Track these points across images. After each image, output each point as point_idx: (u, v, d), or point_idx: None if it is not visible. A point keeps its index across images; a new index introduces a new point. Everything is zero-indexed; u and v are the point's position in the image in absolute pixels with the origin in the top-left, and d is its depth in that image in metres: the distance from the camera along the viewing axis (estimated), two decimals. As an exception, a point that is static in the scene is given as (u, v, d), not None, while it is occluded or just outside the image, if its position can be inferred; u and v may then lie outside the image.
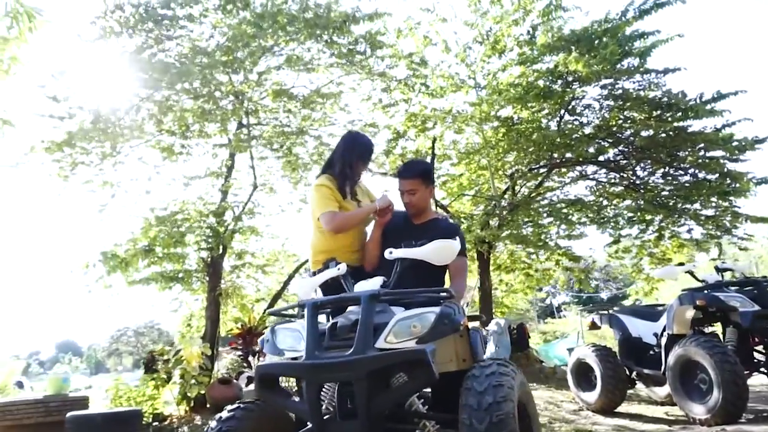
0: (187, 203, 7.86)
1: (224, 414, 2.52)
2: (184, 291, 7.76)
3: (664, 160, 8.59)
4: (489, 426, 2.12)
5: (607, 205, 9.56)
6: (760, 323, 4.64)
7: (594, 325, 6.17)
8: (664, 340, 5.07)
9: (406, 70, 8.35)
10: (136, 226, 7.29)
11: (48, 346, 70.23)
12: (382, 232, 3.20)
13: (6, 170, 7.08)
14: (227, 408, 2.58)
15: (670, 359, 4.70)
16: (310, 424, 2.35)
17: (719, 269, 5.33)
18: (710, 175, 8.45)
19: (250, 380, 6.29)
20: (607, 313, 6.00)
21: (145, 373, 6.77)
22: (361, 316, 2.30)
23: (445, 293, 2.59)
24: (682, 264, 5.66)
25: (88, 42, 6.83)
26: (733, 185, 8.27)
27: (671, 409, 5.43)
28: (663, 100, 7.98)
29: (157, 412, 6.26)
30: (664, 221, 9.00)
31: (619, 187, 9.37)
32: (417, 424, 2.51)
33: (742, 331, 4.89)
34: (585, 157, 8.67)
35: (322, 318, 2.92)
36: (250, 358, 6.98)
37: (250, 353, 7.05)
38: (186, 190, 7.97)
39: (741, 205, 8.56)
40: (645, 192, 8.82)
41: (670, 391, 4.83)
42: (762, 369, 5.08)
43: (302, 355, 2.33)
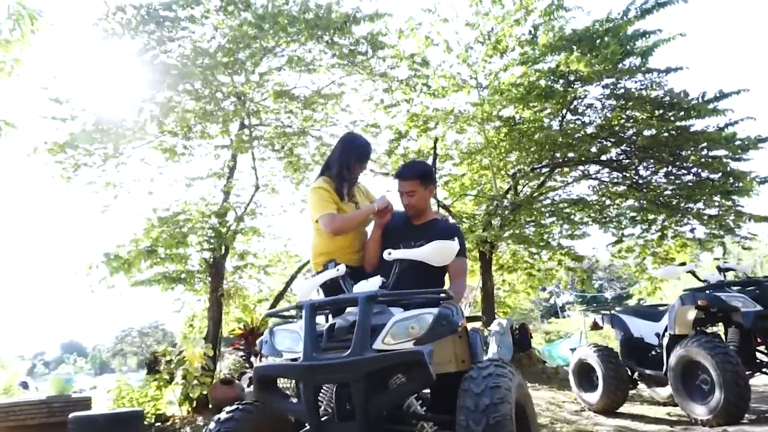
0: (190, 204, 7.87)
1: (223, 415, 2.53)
2: (186, 292, 7.76)
3: (666, 159, 8.56)
4: (486, 428, 2.12)
5: (610, 204, 9.53)
6: (762, 323, 4.62)
7: (596, 326, 6.16)
8: (665, 341, 5.05)
9: (408, 70, 8.35)
10: (139, 227, 7.32)
11: (53, 347, 70.56)
12: (382, 233, 3.20)
13: (9, 171, 7.10)
14: (226, 409, 2.59)
15: (672, 360, 4.68)
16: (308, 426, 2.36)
17: (721, 269, 5.30)
18: (713, 175, 8.42)
19: (252, 381, 6.29)
20: (608, 313, 5.99)
21: (148, 374, 6.77)
22: (359, 318, 2.31)
23: (444, 294, 2.59)
24: (683, 264, 5.64)
25: (90, 44, 6.87)
26: (737, 184, 8.23)
27: (674, 410, 5.41)
28: (665, 99, 7.96)
29: (160, 412, 6.26)
30: (667, 221, 8.96)
31: (621, 187, 9.33)
32: (415, 426, 2.51)
33: (744, 331, 4.87)
34: (587, 157, 8.65)
35: (323, 319, 2.93)
36: (253, 359, 6.98)
37: (252, 354, 7.05)
38: (188, 190, 8.01)
39: (744, 205, 8.52)
40: (648, 191, 8.79)
41: (672, 391, 4.82)
42: (764, 369, 5.06)
43: (300, 357, 2.33)
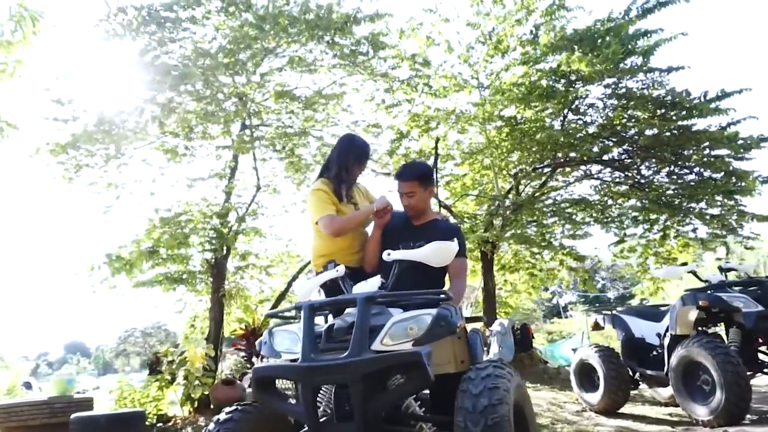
0: (191, 204, 7.86)
1: (222, 416, 2.53)
2: (188, 292, 7.77)
3: (668, 158, 8.54)
4: (484, 429, 2.12)
5: (612, 204, 9.51)
6: (764, 324, 4.60)
7: (597, 326, 6.15)
8: (666, 341, 5.05)
9: (409, 70, 8.32)
10: (141, 228, 7.32)
11: (56, 347, 70.83)
12: (382, 233, 3.20)
13: (11, 172, 7.13)
14: (225, 410, 2.59)
15: (673, 360, 4.67)
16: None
17: (723, 269, 5.29)
18: (715, 174, 8.39)
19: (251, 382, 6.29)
20: (610, 313, 5.98)
21: (150, 374, 6.78)
22: (357, 319, 2.31)
23: (443, 295, 2.59)
24: (685, 264, 5.63)
25: (92, 45, 6.88)
26: (739, 184, 8.22)
27: (675, 410, 5.40)
28: (667, 98, 7.94)
29: (162, 413, 6.27)
30: (669, 220, 8.95)
31: (623, 187, 9.30)
32: (414, 427, 2.52)
33: (746, 331, 4.85)
34: (589, 157, 8.63)
35: (323, 319, 2.93)
36: (254, 359, 6.98)
37: (253, 354, 7.05)
38: (190, 191, 7.98)
39: (747, 204, 8.50)
40: (650, 191, 8.76)
41: (673, 392, 4.81)
42: (766, 370, 5.05)
43: (299, 358, 2.33)
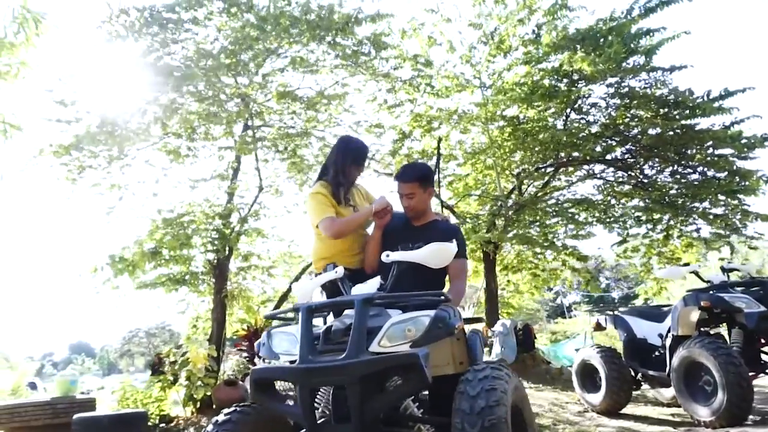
0: (194, 205, 7.86)
1: (220, 417, 2.53)
2: (190, 293, 7.79)
3: (672, 158, 8.51)
4: (481, 430, 2.12)
5: (615, 204, 9.49)
6: (766, 324, 4.58)
7: (599, 326, 6.13)
8: (668, 342, 5.03)
9: (411, 70, 8.32)
10: (143, 229, 7.34)
11: (61, 348, 71.08)
12: (382, 234, 3.20)
13: (15, 174, 7.15)
14: (224, 411, 2.59)
15: (675, 361, 4.65)
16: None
17: (725, 269, 5.27)
18: (719, 174, 8.37)
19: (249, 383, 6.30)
20: (611, 313, 5.96)
21: (152, 375, 6.80)
22: (354, 321, 2.31)
23: (442, 296, 2.59)
24: (687, 264, 5.62)
25: (94, 46, 6.90)
26: (743, 183, 8.18)
27: (678, 411, 5.38)
28: (670, 98, 7.92)
29: (164, 413, 6.29)
30: (672, 220, 8.92)
31: (626, 186, 9.27)
32: (412, 428, 2.52)
33: (748, 332, 4.83)
34: (592, 156, 8.61)
35: (322, 321, 2.93)
36: (256, 360, 6.99)
37: (255, 355, 7.05)
38: (192, 192, 7.98)
39: (750, 204, 8.47)
40: (653, 191, 8.74)
41: (675, 392, 4.79)
42: (769, 370, 5.03)
43: (297, 359, 2.34)
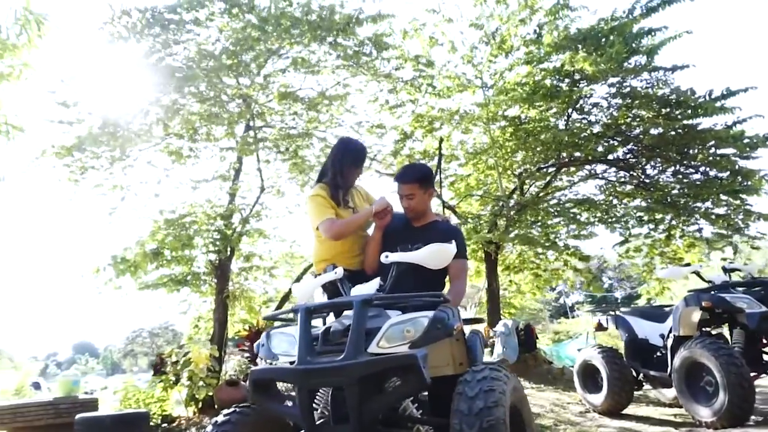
0: (196, 206, 7.88)
1: (219, 418, 2.54)
2: (192, 293, 7.81)
3: (674, 158, 8.50)
4: (479, 431, 2.12)
5: (617, 204, 9.47)
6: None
7: (600, 327, 6.12)
8: (670, 342, 5.02)
9: (413, 71, 8.33)
10: (145, 229, 7.36)
11: (65, 348, 71.22)
12: (383, 235, 3.20)
13: (18, 175, 7.17)
14: (223, 412, 2.60)
15: (676, 361, 4.65)
16: (304, 429, 2.36)
17: (727, 270, 5.26)
18: (721, 173, 8.36)
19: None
20: (613, 314, 5.95)
21: (154, 375, 6.81)
22: (353, 322, 2.31)
23: (441, 297, 2.59)
24: (688, 264, 5.61)
25: (96, 47, 6.92)
26: (745, 183, 8.18)
27: (679, 412, 5.36)
28: (672, 97, 7.90)
29: (166, 413, 6.31)
30: (675, 220, 8.91)
31: (628, 186, 9.27)
32: (410, 429, 2.52)
33: (750, 332, 4.81)
34: (594, 156, 8.60)
35: (322, 322, 2.93)
36: (258, 360, 7.00)
37: (257, 355, 7.06)
38: (194, 193, 8.00)
39: (753, 203, 8.47)
40: (655, 191, 8.73)
41: (676, 393, 4.78)
42: (770, 370, 5.02)
43: (295, 360, 2.34)
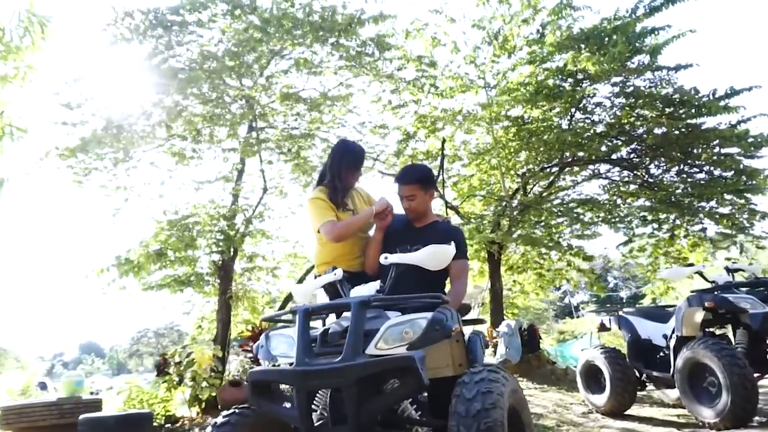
0: (199, 207, 7.92)
1: (219, 419, 2.54)
2: (195, 294, 7.84)
3: (677, 157, 8.46)
4: (477, 433, 2.11)
5: (620, 204, 9.44)
6: (771, 325, 4.54)
7: (603, 327, 6.10)
8: (673, 342, 5.00)
9: (415, 71, 8.34)
10: (149, 230, 7.41)
11: (71, 348, 71.48)
12: (383, 236, 3.20)
13: (22, 176, 7.21)
14: (223, 413, 2.60)
15: (679, 362, 4.62)
16: (303, 430, 2.36)
17: (730, 270, 5.23)
18: (725, 173, 8.32)
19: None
20: (616, 314, 5.93)
21: (158, 376, 6.84)
22: (351, 323, 2.31)
23: (439, 298, 2.59)
24: (691, 264, 5.58)
25: (100, 49, 6.95)
26: (750, 182, 8.15)
27: (683, 412, 5.34)
28: (675, 97, 7.87)
29: (170, 414, 6.32)
30: (679, 220, 8.87)
31: (632, 186, 9.24)
32: (409, 431, 2.52)
33: (753, 333, 4.78)
34: (597, 156, 8.57)
35: (321, 323, 2.93)
36: (261, 361, 7.00)
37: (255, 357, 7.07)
38: (197, 193, 8.06)
39: (757, 203, 8.43)
40: (659, 190, 8.69)
41: (679, 394, 4.76)
42: (774, 371, 4.98)
43: (294, 362, 2.34)
